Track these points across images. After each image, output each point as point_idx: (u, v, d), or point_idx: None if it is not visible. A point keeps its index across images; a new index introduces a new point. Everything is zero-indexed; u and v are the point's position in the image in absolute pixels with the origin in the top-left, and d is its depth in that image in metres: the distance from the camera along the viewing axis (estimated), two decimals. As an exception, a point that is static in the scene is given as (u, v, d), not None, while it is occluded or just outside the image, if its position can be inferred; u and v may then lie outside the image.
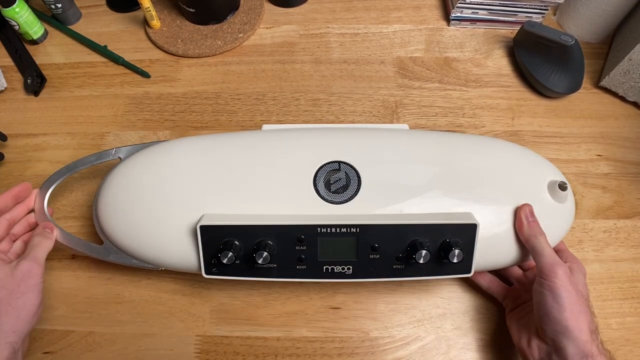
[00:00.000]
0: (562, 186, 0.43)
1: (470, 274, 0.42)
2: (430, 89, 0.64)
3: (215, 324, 0.48)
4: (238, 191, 0.44)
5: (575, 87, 0.61)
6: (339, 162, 0.45)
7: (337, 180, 0.44)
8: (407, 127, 0.53)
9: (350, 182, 0.44)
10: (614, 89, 0.62)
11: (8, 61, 0.69)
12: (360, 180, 0.44)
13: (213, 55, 0.68)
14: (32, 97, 0.65)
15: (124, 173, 0.46)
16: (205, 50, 0.67)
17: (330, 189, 0.44)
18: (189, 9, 0.68)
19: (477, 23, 0.69)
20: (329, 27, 0.71)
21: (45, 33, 0.70)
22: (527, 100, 0.63)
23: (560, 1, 0.64)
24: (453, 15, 0.69)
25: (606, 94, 0.63)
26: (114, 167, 0.48)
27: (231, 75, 0.66)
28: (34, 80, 0.64)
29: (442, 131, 0.57)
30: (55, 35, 0.71)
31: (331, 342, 0.47)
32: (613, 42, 0.66)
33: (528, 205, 0.43)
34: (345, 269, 0.42)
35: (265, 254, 0.40)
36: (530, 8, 0.66)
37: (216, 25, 0.70)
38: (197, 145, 0.48)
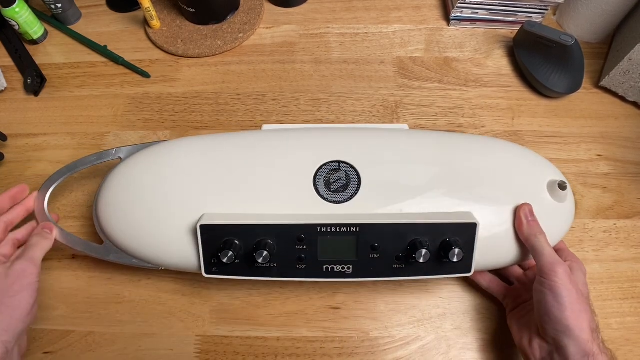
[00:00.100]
0: (561, 186, 0.43)
1: (470, 274, 0.42)
2: (430, 89, 0.64)
3: (215, 324, 0.48)
4: (238, 191, 0.44)
5: (575, 87, 0.61)
6: (339, 161, 0.45)
7: (337, 179, 0.44)
8: (406, 127, 0.53)
9: (350, 182, 0.44)
10: (614, 89, 0.62)
11: (8, 61, 0.69)
12: (360, 180, 0.44)
13: (213, 55, 0.68)
14: (32, 97, 0.65)
15: (125, 173, 0.46)
16: (205, 50, 0.67)
17: (330, 189, 0.44)
18: (189, 9, 0.68)
19: (477, 23, 0.69)
20: (329, 27, 0.71)
21: (45, 33, 0.70)
22: (527, 100, 0.63)
23: (560, 1, 0.64)
24: (453, 15, 0.69)
25: (606, 94, 0.63)
26: (115, 166, 0.48)
27: (231, 75, 0.66)
28: (34, 80, 0.64)
29: (442, 131, 0.58)
30: (55, 35, 0.71)
31: (331, 342, 0.47)
32: (613, 42, 0.66)
33: (527, 205, 0.43)
34: (345, 268, 0.42)
35: (265, 254, 0.40)
36: (530, 8, 0.66)
37: (216, 25, 0.70)
38: (197, 145, 0.48)
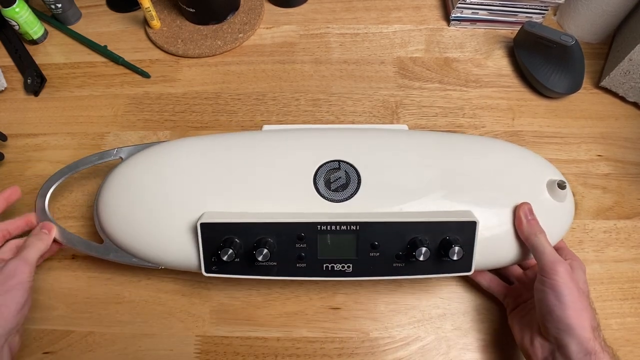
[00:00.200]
0: (561, 185, 0.43)
1: (470, 272, 0.42)
2: (430, 89, 0.64)
3: (215, 324, 0.48)
4: (238, 190, 0.44)
5: (575, 87, 0.61)
6: (339, 161, 0.45)
7: (337, 178, 0.44)
8: (406, 127, 0.53)
9: (350, 181, 0.44)
10: (614, 89, 0.62)
11: (8, 61, 0.69)
12: (360, 179, 0.44)
13: (213, 55, 0.68)
14: (32, 97, 0.65)
15: (125, 173, 0.46)
16: (205, 50, 0.67)
17: (330, 188, 0.44)
18: (189, 9, 0.68)
19: (477, 23, 0.69)
20: (329, 27, 0.71)
21: (45, 33, 0.70)
22: (527, 100, 0.63)
23: (560, 1, 0.64)
24: (453, 15, 0.69)
25: (606, 94, 0.63)
26: (116, 166, 0.48)
27: (231, 75, 0.66)
28: (34, 80, 0.64)
29: (442, 131, 0.58)
30: (55, 35, 0.71)
31: (331, 342, 0.47)
32: (613, 42, 0.66)
33: (527, 204, 0.43)
34: (345, 267, 0.42)
35: (266, 251, 0.40)
36: (530, 8, 0.66)
37: (216, 25, 0.70)
38: (197, 145, 0.48)
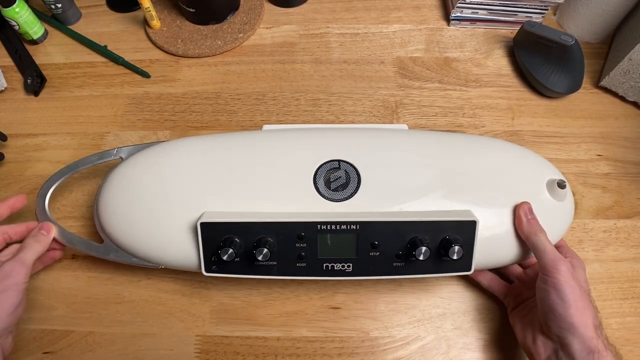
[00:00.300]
0: (560, 184, 0.43)
1: (470, 272, 0.42)
2: (430, 89, 0.64)
3: (215, 324, 0.48)
4: (238, 190, 0.44)
5: (575, 87, 0.61)
6: (339, 160, 0.45)
7: (337, 178, 0.44)
8: (406, 127, 0.53)
9: (350, 180, 0.44)
10: (614, 89, 0.62)
11: (8, 61, 0.69)
12: (359, 178, 0.44)
13: (213, 55, 0.68)
14: (32, 97, 0.65)
15: (125, 172, 0.46)
16: (205, 50, 0.67)
17: (330, 187, 0.44)
18: (189, 9, 0.68)
19: (477, 23, 0.69)
20: (329, 27, 0.71)
21: (45, 33, 0.70)
22: (527, 100, 0.63)
23: (560, 1, 0.64)
24: (453, 15, 0.69)
25: (606, 94, 0.63)
26: (116, 166, 0.48)
27: (231, 75, 0.66)
28: (34, 80, 0.64)
29: (441, 131, 0.58)
30: (55, 35, 0.71)
31: (331, 342, 0.47)
32: (613, 42, 0.66)
33: (526, 203, 0.43)
34: (345, 266, 0.42)
35: (266, 251, 0.40)
36: (530, 8, 0.66)
37: (216, 25, 0.70)
38: (197, 145, 0.48)
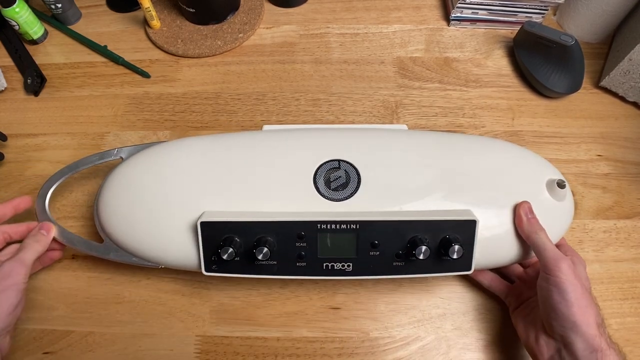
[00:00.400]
0: (560, 184, 0.43)
1: (470, 271, 0.42)
2: (430, 89, 0.64)
3: (215, 324, 0.48)
4: (238, 190, 0.44)
5: (575, 87, 0.61)
6: (339, 160, 0.45)
7: (337, 178, 0.44)
8: (405, 127, 0.53)
9: (350, 180, 0.44)
10: (614, 89, 0.62)
11: (8, 61, 0.69)
12: (359, 178, 0.44)
13: (213, 55, 0.68)
14: (32, 97, 0.65)
15: (125, 172, 0.46)
16: (205, 50, 0.67)
17: (330, 187, 0.44)
18: (189, 9, 0.68)
19: (477, 23, 0.69)
20: (329, 27, 0.71)
21: (45, 33, 0.70)
22: (527, 100, 0.63)
23: (560, 1, 0.64)
24: (453, 15, 0.69)
25: (606, 94, 0.63)
26: (116, 166, 0.48)
27: (231, 75, 0.66)
28: (34, 80, 0.64)
29: (441, 131, 0.58)
30: (55, 35, 0.71)
31: (331, 342, 0.47)
32: (613, 42, 0.66)
33: (526, 202, 0.43)
34: (345, 266, 0.42)
35: (266, 250, 0.40)
36: (530, 8, 0.66)
37: (216, 25, 0.70)
38: (197, 145, 0.48)
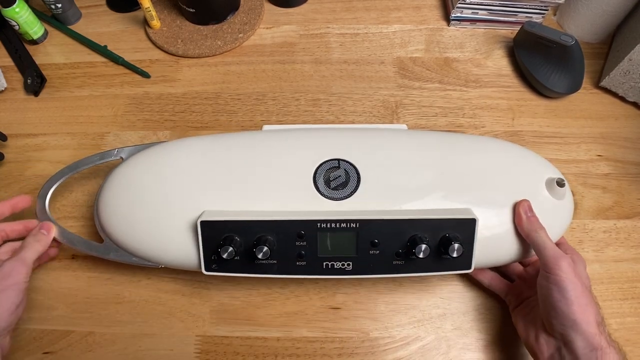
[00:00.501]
0: (559, 183, 0.43)
1: (470, 270, 0.42)
2: (430, 89, 0.64)
3: (215, 324, 0.48)
4: (238, 190, 0.44)
5: (575, 87, 0.61)
6: (339, 159, 0.45)
7: (337, 177, 0.44)
8: (405, 127, 0.53)
9: (350, 179, 0.44)
10: (614, 89, 0.62)
11: (8, 61, 0.69)
12: (359, 177, 0.44)
13: (213, 56, 0.68)
14: (32, 97, 0.65)
15: (126, 173, 0.46)
16: (205, 50, 0.67)
17: (330, 186, 0.44)
18: (189, 9, 0.68)
19: (477, 23, 0.69)
20: (329, 27, 0.71)
21: (45, 33, 0.70)
22: (527, 100, 0.63)
23: (560, 1, 0.64)
24: (453, 15, 0.69)
25: (606, 94, 0.63)
26: (116, 166, 0.48)
27: (231, 75, 0.66)
28: (34, 80, 0.64)
29: (441, 131, 0.58)
30: (55, 35, 0.71)
31: (331, 342, 0.47)
32: (613, 42, 0.66)
33: (526, 201, 0.43)
34: (345, 265, 0.42)
35: (266, 249, 0.40)
36: (530, 8, 0.66)
37: (216, 25, 0.70)
38: (197, 145, 0.48)
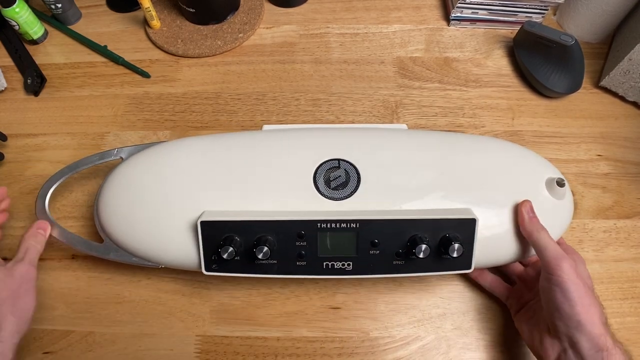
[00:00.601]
0: (559, 182, 0.43)
1: (470, 270, 0.42)
2: (430, 89, 0.64)
3: (215, 324, 0.48)
4: (239, 190, 0.44)
5: (575, 87, 0.61)
6: (339, 159, 0.45)
7: (337, 177, 0.44)
8: (405, 127, 0.53)
9: (350, 179, 0.44)
10: (614, 89, 0.62)
11: (8, 61, 0.69)
12: (359, 177, 0.44)
13: (213, 55, 0.68)
14: (32, 97, 0.65)
15: (126, 172, 0.46)
16: (205, 50, 0.67)
17: (330, 186, 0.44)
18: (189, 9, 0.68)
19: (477, 23, 0.69)
20: (329, 27, 0.71)
21: (45, 33, 0.70)
22: (527, 100, 0.63)
23: (560, 1, 0.64)
24: (453, 15, 0.69)
25: (606, 94, 0.63)
26: (116, 166, 0.48)
27: (231, 75, 0.66)
28: (34, 80, 0.64)
29: (441, 131, 0.57)
30: (55, 35, 0.71)
31: (331, 342, 0.47)
32: (613, 42, 0.66)
33: (528, 201, 0.43)
34: (345, 265, 0.42)
35: (266, 249, 0.40)
36: (530, 8, 0.66)
37: (216, 25, 0.70)
38: (197, 145, 0.48)
